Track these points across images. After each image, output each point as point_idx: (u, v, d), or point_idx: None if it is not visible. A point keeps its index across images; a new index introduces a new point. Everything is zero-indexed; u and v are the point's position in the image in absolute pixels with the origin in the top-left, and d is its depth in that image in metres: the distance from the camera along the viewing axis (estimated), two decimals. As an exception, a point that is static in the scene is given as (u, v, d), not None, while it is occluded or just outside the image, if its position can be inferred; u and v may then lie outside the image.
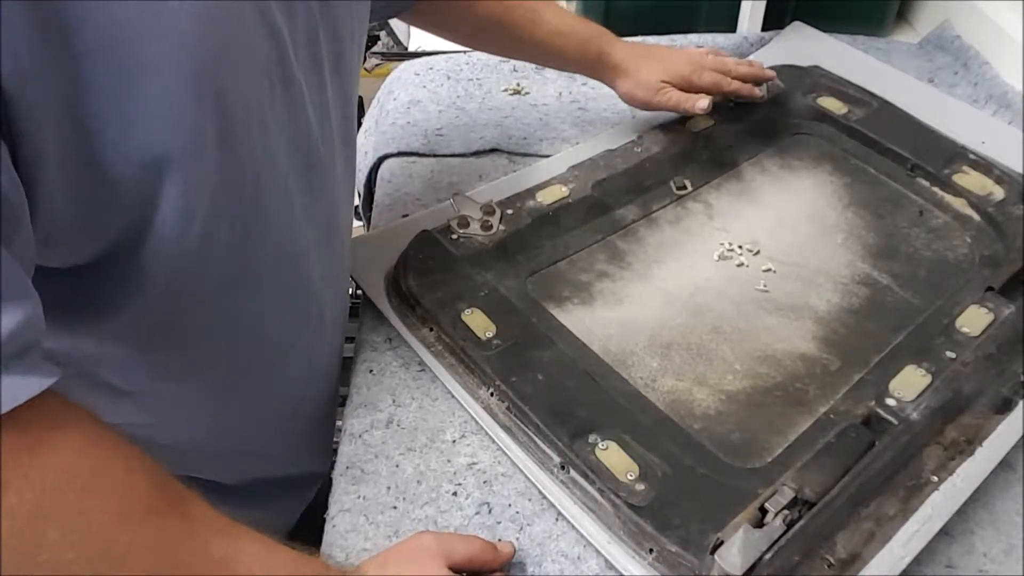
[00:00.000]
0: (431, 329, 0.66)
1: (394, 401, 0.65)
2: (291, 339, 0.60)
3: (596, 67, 0.83)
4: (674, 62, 0.83)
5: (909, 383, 0.60)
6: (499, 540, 0.55)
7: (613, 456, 0.56)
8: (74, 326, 0.49)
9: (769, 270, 0.73)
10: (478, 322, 0.65)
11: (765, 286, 0.72)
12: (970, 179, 0.78)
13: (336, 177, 0.58)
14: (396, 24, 1.44)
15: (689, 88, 0.82)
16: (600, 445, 0.56)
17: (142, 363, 0.54)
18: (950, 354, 0.62)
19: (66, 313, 0.45)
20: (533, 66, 0.99)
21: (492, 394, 0.62)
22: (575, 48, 0.82)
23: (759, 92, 0.86)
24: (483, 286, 0.68)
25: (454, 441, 0.62)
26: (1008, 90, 0.91)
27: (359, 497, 0.59)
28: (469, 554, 0.52)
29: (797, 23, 1.02)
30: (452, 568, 0.51)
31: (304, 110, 0.51)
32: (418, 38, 1.20)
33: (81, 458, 0.39)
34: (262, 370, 0.59)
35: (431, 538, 0.52)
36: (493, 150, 0.89)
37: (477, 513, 0.58)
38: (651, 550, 0.52)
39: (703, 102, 0.81)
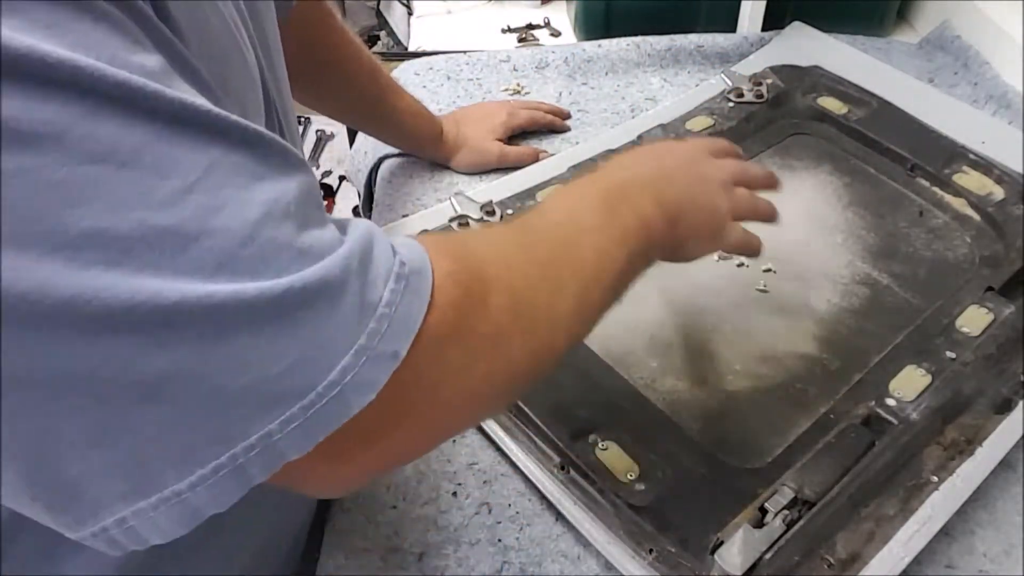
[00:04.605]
0: (431, 329, 0.66)
1: (394, 401, 0.65)
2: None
3: (436, 144, 0.85)
4: (490, 115, 0.87)
5: (909, 383, 0.60)
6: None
7: (613, 456, 0.56)
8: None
9: (769, 270, 0.73)
10: (478, 322, 0.64)
11: (765, 286, 0.72)
12: (970, 179, 0.78)
13: None
14: (396, 24, 1.44)
15: (510, 131, 0.87)
16: (600, 445, 0.56)
17: None
18: (950, 354, 0.62)
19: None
20: (533, 65, 0.99)
21: (492, 394, 0.61)
22: (423, 125, 0.83)
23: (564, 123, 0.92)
24: (483, 286, 0.68)
25: (454, 441, 0.62)
26: (1008, 90, 0.90)
27: (359, 497, 0.59)
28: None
29: (797, 23, 1.02)
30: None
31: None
32: (418, 38, 1.20)
33: None
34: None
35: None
36: (493, 150, 0.89)
37: (477, 513, 0.58)
38: (651, 550, 0.52)
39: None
